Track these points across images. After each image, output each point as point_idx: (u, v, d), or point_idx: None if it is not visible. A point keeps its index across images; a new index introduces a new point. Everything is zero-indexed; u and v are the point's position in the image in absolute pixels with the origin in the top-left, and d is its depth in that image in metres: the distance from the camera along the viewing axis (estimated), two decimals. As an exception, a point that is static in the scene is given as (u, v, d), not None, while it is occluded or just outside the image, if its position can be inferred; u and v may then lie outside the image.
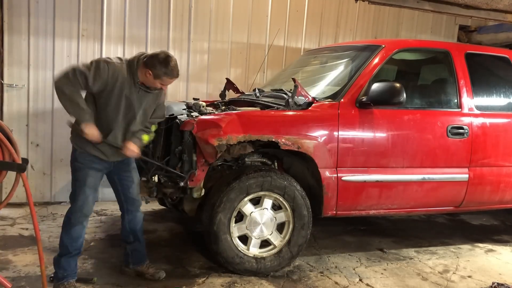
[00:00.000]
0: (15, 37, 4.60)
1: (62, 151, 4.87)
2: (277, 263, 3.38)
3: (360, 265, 3.70)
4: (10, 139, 2.25)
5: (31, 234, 3.89)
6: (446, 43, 4.65)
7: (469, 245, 4.40)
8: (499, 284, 3.39)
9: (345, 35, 6.05)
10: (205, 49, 5.38)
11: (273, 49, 5.46)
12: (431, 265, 3.82)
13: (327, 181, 3.41)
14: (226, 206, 3.20)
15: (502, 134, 4.00)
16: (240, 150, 3.32)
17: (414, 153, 3.68)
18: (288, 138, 3.24)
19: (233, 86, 4.62)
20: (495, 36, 6.35)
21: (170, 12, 5.13)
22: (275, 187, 3.29)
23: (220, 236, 3.21)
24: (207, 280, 3.22)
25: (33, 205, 2.38)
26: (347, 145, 3.46)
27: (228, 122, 3.14)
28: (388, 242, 4.31)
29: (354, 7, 6.01)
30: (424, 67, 4.52)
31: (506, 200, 4.17)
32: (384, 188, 3.64)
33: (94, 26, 4.88)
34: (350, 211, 3.64)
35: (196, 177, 3.19)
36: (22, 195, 4.34)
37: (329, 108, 3.46)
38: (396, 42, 4.07)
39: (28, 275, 3.11)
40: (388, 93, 3.40)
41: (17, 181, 2.29)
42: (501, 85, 4.26)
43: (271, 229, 3.37)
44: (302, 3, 5.78)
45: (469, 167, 3.88)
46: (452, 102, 3.94)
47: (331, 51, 4.54)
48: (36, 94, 4.73)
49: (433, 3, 4.12)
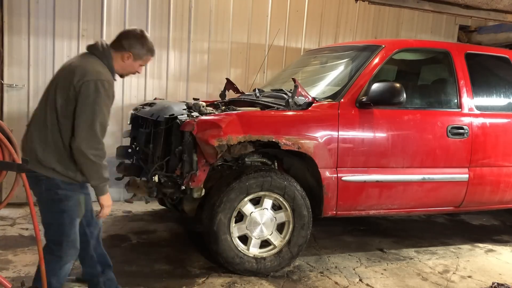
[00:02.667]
0: (15, 37, 4.60)
1: (62, 151, 4.87)
2: (277, 263, 3.38)
3: (360, 265, 3.70)
4: (10, 139, 2.24)
5: (31, 234, 3.89)
6: (446, 43, 4.66)
7: (469, 245, 4.40)
8: (499, 284, 3.39)
9: (345, 35, 6.05)
10: (205, 49, 5.38)
11: (273, 49, 5.46)
12: (431, 265, 3.82)
13: (327, 181, 3.41)
14: (226, 206, 3.20)
15: (502, 134, 4.00)
16: (240, 150, 3.32)
17: (414, 153, 3.68)
18: (288, 138, 3.24)
19: (233, 86, 4.62)
20: (495, 36, 6.35)
21: (170, 12, 5.13)
22: (275, 187, 3.29)
23: (220, 236, 3.21)
24: (207, 280, 3.22)
25: (33, 205, 2.37)
26: (347, 145, 3.45)
27: (228, 122, 3.14)
28: (388, 242, 4.31)
29: (354, 7, 6.01)
30: (424, 67, 4.53)
31: (506, 200, 4.17)
32: (384, 188, 3.64)
33: (94, 26, 4.88)
34: (350, 211, 3.64)
35: (197, 177, 3.18)
36: (22, 195, 4.31)
37: (329, 108, 3.46)
38: (396, 42, 4.07)
39: (28, 275, 3.10)
40: (388, 93, 3.40)
41: (17, 181, 2.29)
42: (501, 85, 4.26)
43: (271, 229, 3.37)
44: (302, 3, 5.78)
45: (469, 167, 3.88)
46: (452, 102, 3.94)
47: (331, 51, 4.54)
48: (36, 94, 4.73)
49: (433, 3, 4.12)
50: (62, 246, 2.39)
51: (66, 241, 2.40)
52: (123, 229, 4.15)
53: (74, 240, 2.43)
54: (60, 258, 2.41)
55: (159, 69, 5.18)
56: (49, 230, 2.42)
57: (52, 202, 2.38)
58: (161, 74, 5.20)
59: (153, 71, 5.15)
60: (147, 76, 5.13)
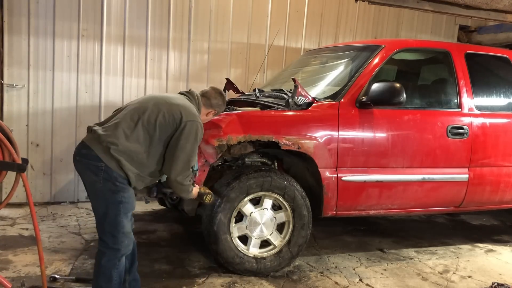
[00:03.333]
0: (15, 37, 4.60)
1: (62, 151, 4.88)
2: (277, 263, 3.38)
3: (360, 265, 3.70)
4: (10, 139, 2.25)
5: (31, 234, 3.89)
6: (446, 43, 4.66)
7: (469, 245, 4.40)
8: (499, 284, 3.40)
9: (345, 35, 6.05)
10: (205, 49, 5.38)
11: (273, 49, 5.46)
12: (431, 265, 3.82)
13: (327, 181, 3.41)
14: (226, 206, 3.20)
15: (502, 134, 4.00)
16: (240, 150, 3.32)
17: (414, 153, 3.68)
18: (288, 138, 3.24)
19: (233, 86, 4.62)
20: (495, 36, 6.35)
21: (170, 12, 5.13)
22: (275, 187, 3.29)
23: (220, 236, 3.21)
24: (207, 280, 3.22)
25: (33, 205, 2.38)
26: (347, 145, 3.45)
27: (228, 122, 3.14)
28: (388, 242, 4.31)
29: (354, 7, 6.01)
30: (424, 67, 4.53)
31: (506, 200, 4.17)
32: (384, 188, 3.64)
33: (94, 26, 4.88)
34: (350, 211, 3.64)
35: (197, 177, 3.19)
36: (22, 195, 4.35)
37: (329, 108, 3.46)
38: (396, 42, 4.07)
39: (28, 275, 3.11)
40: (388, 93, 3.40)
41: (17, 181, 2.29)
42: (501, 85, 4.26)
43: (271, 229, 3.37)
44: (302, 3, 5.78)
45: (469, 167, 3.88)
46: (452, 102, 3.94)
47: (331, 51, 4.54)
48: (36, 94, 4.74)
49: (433, 3, 4.11)
50: (118, 238, 2.44)
51: (122, 232, 2.45)
52: (123, 229, 4.15)
53: (128, 231, 2.50)
54: (117, 251, 2.46)
55: (159, 69, 5.18)
56: (104, 222, 2.44)
57: (110, 193, 2.41)
58: (161, 74, 5.20)
59: (153, 71, 5.15)
60: (147, 76, 5.13)
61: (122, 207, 2.43)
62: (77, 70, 4.86)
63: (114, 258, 2.47)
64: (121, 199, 2.42)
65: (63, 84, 4.83)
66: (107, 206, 2.42)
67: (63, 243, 3.75)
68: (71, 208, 4.80)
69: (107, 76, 4.95)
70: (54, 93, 4.81)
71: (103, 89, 4.97)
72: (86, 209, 4.75)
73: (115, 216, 2.42)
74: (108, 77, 4.95)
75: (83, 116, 4.91)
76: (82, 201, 5.02)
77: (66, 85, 4.84)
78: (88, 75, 4.92)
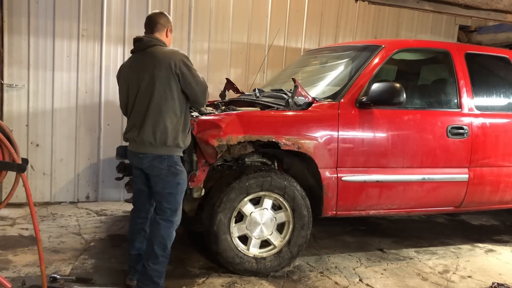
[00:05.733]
0: (15, 37, 4.60)
1: (62, 151, 4.88)
2: (277, 263, 3.38)
3: (360, 265, 3.70)
4: (10, 139, 2.25)
5: (31, 234, 3.89)
6: (446, 43, 4.66)
7: (469, 245, 4.40)
8: (499, 284, 3.40)
9: (345, 35, 6.06)
10: (205, 49, 5.39)
11: (273, 49, 5.46)
12: (431, 265, 3.82)
13: (327, 181, 3.41)
14: (226, 206, 3.20)
15: (502, 134, 4.00)
16: (240, 150, 3.32)
17: (414, 153, 3.68)
18: (288, 138, 3.24)
19: (233, 86, 4.62)
20: (495, 36, 6.35)
21: (170, 12, 5.13)
22: (275, 187, 3.29)
23: (220, 236, 3.21)
24: (207, 280, 3.22)
25: (33, 205, 2.38)
26: (347, 145, 3.46)
27: (228, 122, 3.14)
28: (388, 242, 4.31)
29: (354, 7, 6.01)
30: (424, 67, 4.53)
31: (506, 200, 4.17)
32: (384, 188, 3.64)
33: (94, 26, 4.88)
34: (350, 211, 3.64)
35: (197, 177, 3.19)
36: (22, 195, 4.34)
37: (329, 108, 3.46)
38: (396, 42, 4.07)
39: (28, 275, 3.11)
40: (388, 93, 3.40)
41: (17, 181, 2.30)
42: (501, 85, 4.26)
43: (271, 229, 3.37)
44: (302, 3, 5.78)
45: (469, 167, 3.88)
46: (452, 102, 3.94)
47: (331, 51, 4.54)
48: (36, 94, 4.74)
49: (433, 3, 4.12)
50: (177, 213, 2.88)
51: (179, 209, 2.90)
52: (123, 229, 4.15)
53: (181, 209, 2.93)
54: (173, 223, 2.88)
55: (159, 69, 5.17)
56: (169, 200, 2.83)
57: (173, 176, 2.80)
58: (161, 74, 5.19)
59: (153, 71, 5.15)
60: (147, 76, 5.12)
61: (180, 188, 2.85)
62: (77, 70, 4.86)
63: (170, 230, 2.86)
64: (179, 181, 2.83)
65: (63, 84, 4.83)
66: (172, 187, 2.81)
67: (63, 243, 3.75)
68: (71, 208, 4.80)
69: (107, 76, 4.95)
70: (54, 93, 4.81)
71: (103, 89, 4.97)
72: (86, 209, 4.75)
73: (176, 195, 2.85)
74: (108, 77, 4.95)
75: (83, 116, 4.91)
76: (82, 201, 5.02)
77: (66, 85, 4.84)
78: (88, 75, 4.92)
